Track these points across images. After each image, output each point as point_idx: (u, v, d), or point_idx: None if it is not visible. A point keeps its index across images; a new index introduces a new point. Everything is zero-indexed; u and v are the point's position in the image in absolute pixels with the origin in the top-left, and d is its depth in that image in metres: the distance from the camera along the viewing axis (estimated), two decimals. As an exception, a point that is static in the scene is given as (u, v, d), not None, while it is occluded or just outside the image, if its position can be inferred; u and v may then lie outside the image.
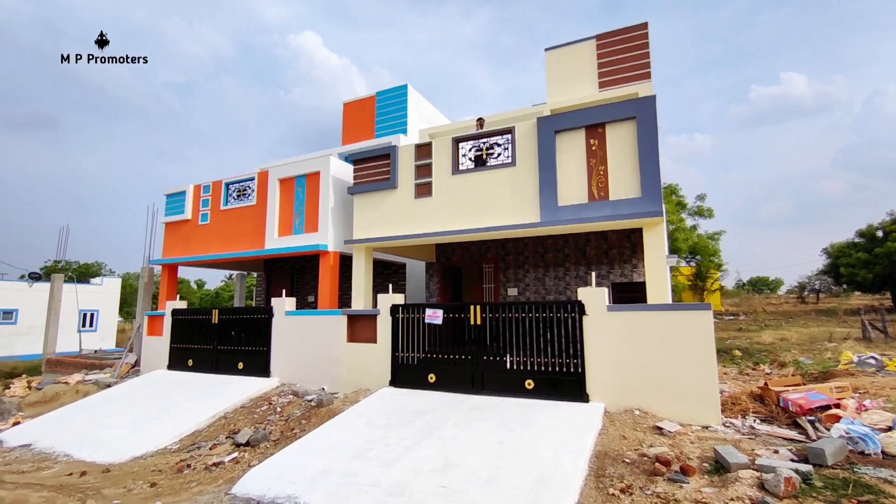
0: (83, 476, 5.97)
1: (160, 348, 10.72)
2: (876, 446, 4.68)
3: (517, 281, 10.64)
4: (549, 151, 7.48)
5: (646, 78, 9.81)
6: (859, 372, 9.70)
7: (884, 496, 3.78)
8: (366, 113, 13.41)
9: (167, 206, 11.86)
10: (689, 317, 6.06)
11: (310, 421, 7.17)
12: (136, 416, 8.03)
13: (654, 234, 6.78)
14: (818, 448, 4.45)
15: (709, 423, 5.80)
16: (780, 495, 3.88)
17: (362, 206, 9.12)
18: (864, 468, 4.31)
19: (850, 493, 3.82)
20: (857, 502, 3.69)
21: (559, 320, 6.75)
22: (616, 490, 4.49)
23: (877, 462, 4.48)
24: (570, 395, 6.55)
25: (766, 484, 4.05)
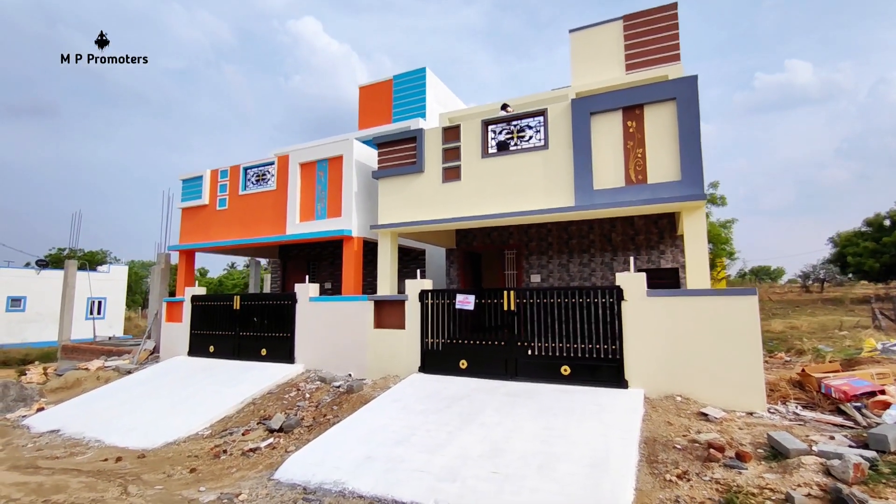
0: (119, 462, 5.92)
1: (180, 335, 10.64)
2: (935, 432, 4.59)
3: (540, 267, 10.52)
4: (583, 134, 7.30)
5: (675, 60, 9.57)
6: (885, 359, 9.62)
7: (957, 482, 3.70)
8: (383, 97, 13.16)
9: (183, 192, 11.69)
10: (734, 302, 5.95)
11: (341, 407, 7.11)
12: (163, 402, 7.97)
13: (695, 219, 6.64)
14: (880, 434, 4.37)
15: (753, 410, 5.73)
16: (848, 482, 3.80)
17: (387, 190, 8.96)
18: (929, 454, 4.23)
19: (923, 479, 3.74)
20: (931, 489, 3.61)
21: (596, 306, 6.64)
22: (673, 476, 4.41)
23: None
24: (608, 381, 6.47)
25: (832, 470, 3.97)
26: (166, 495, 4.83)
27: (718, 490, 4.10)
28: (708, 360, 5.98)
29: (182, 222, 11.71)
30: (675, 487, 4.24)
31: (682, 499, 4.03)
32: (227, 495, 4.74)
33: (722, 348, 5.92)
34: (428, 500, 4.28)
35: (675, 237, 9.38)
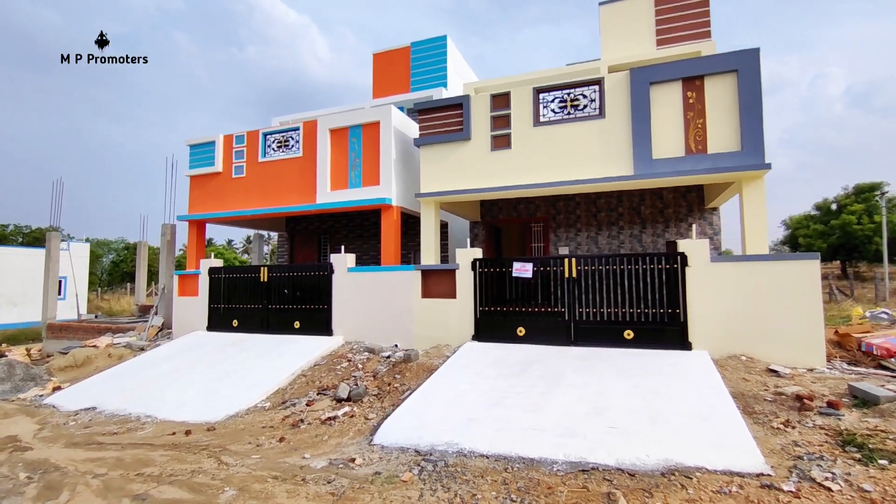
0: (189, 435, 5.60)
1: (195, 309, 10.08)
2: None
3: (568, 240, 10.67)
4: (642, 103, 7.38)
5: (706, 37, 9.78)
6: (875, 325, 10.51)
7: None
8: (399, 65, 12.71)
9: (192, 158, 10.93)
10: (797, 266, 6.29)
11: (404, 375, 7.01)
12: (202, 376, 7.58)
13: (755, 188, 6.92)
14: (958, 380, 4.80)
15: (814, 366, 6.13)
16: (949, 420, 4.16)
17: (430, 157, 8.75)
18: None
19: None
20: None
21: (660, 271, 6.83)
22: (778, 424, 4.68)
23: None
24: (672, 343, 6.71)
25: (931, 411, 4.32)
26: (269, 463, 4.63)
27: (828, 434, 4.39)
28: (770, 321, 6.31)
29: (191, 191, 10.98)
30: (785, 434, 4.50)
31: (799, 443, 4.28)
32: (339, 461, 4.61)
33: (784, 310, 6.27)
34: (556, 454, 4.33)
35: (704, 210, 9.74)
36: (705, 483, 3.67)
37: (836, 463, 3.80)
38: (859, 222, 35.32)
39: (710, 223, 9.68)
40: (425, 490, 3.90)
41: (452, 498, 3.75)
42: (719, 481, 3.68)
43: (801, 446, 4.21)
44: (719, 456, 4.02)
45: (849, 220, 36.18)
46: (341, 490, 3.95)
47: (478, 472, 4.17)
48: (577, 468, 4.10)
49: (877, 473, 3.57)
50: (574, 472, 4.05)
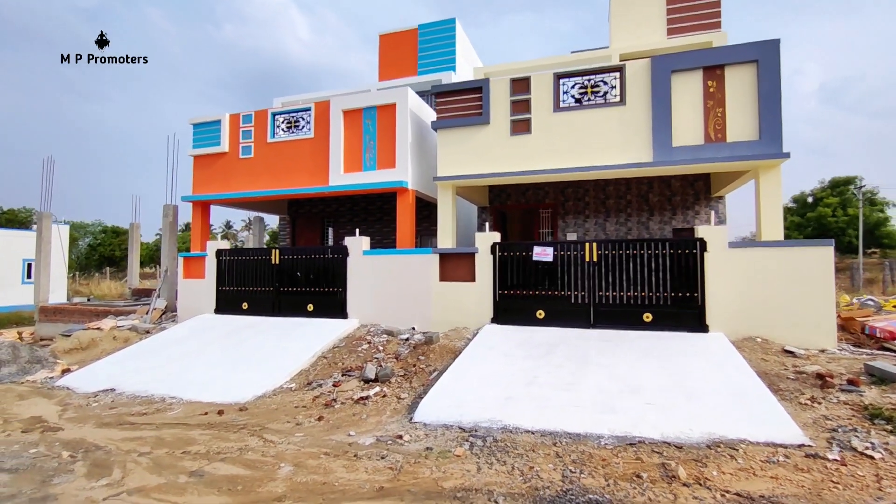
0: (223, 415, 5.56)
1: (202, 291, 9.90)
2: None
3: (577, 226, 10.83)
4: (663, 91, 7.49)
5: (716, 28, 9.94)
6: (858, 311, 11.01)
7: None
8: (407, 47, 12.53)
9: (195, 137, 10.63)
10: (811, 252, 6.55)
11: (428, 357, 7.07)
12: (220, 358, 7.50)
13: (772, 176, 7.14)
14: (968, 358, 5.11)
15: (826, 347, 6.43)
16: (966, 395, 4.45)
17: (448, 141, 8.72)
18: None
19: None
20: None
21: (679, 256, 7.02)
22: (805, 400, 4.92)
23: None
24: (690, 326, 6.94)
25: (948, 387, 4.61)
26: (316, 441, 4.66)
27: (854, 409, 4.64)
28: (785, 304, 6.58)
29: (195, 171, 10.70)
30: (813, 409, 4.74)
31: (829, 417, 4.52)
32: (386, 437, 4.66)
33: (798, 294, 6.53)
34: (600, 429, 4.47)
35: (710, 199, 10.00)
36: (752, 454, 3.86)
37: (870, 434, 4.04)
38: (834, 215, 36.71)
39: (717, 211, 9.94)
40: (481, 463, 3.99)
41: (510, 470, 3.85)
42: (765, 452, 3.87)
43: (831, 420, 4.45)
44: (758, 429, 4.22)
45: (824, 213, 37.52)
46: (398, 464, 4.02)
47: (528, 446, 4.28)
48: (624, 442, 4.25)
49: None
50: (622, 445, 4.20)
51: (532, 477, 3.71)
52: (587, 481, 3.59)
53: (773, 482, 3.42)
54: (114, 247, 43.55)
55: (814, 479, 3.43)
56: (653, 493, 3.36)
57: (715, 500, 3.21)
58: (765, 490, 3.31)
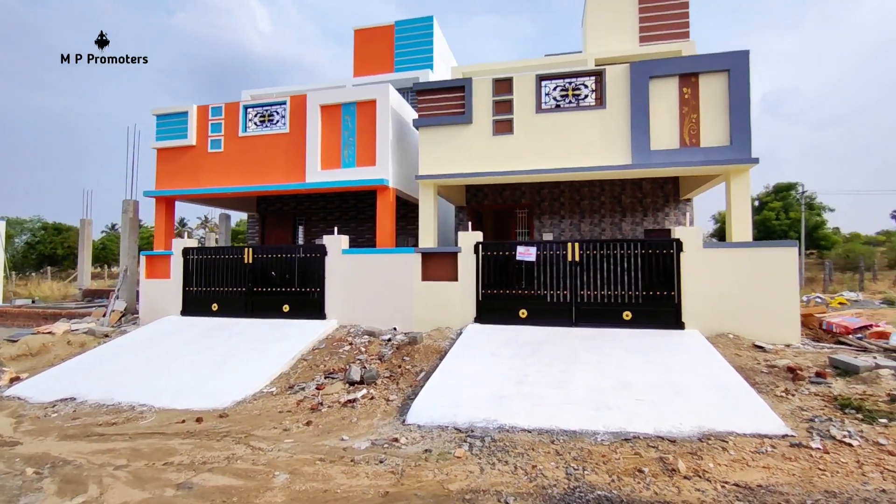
0: (201, 422, 5.27)
1: (167, 292, 9.36)
2: (941, 350, 5.95)
3: (552, 226, 11.01)
4: (642, 96, 7.73)
5: (685, 37, 10.38)
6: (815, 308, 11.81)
7: None
8: (383, 43, 12.34)
9: (159, 129, 10.04)
10: (778, 252, 6.93)
11: (413, 358, 6.98)
12: (192, 362, 7.11)
13: (741, 180, 7.50)
14: (919, 351, 5.55)
15: (790, 342, 6.82)
16: (922, 385, 4.84)
17: (430, 139, 8.65)
18: (954, 364, 5.51)
19: (972, 379, 4.89)
20: (980, 385, 4.75)
21: (657, 256, 7.26)
22: (780, 392, 5.20)
23: (952, 360, 5.72)
24: (667, 323, 7.19)
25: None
26: (307, 447, 4.49)
27: (825, 400, 4.94)
28: (754, 302, 6.93)
29: (158, 165, 10.10)
30: (788, 401, 5.01)
31: (804, 408, 4.79)
32: (381, 441, 4.55)
33: (766, 292, 6.90)
34: (595, 426, 4.54)
35: (679, 201, 10.42)
36: (742, 445, 4.03)
37: (844, 423, 4.31)
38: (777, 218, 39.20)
39: (685, 213, 10.37)
40: (483, 464, 3.96)
41: (514, 470, 3.84)
42: (753, 443, 4.05)
43: (806, 411, 4.72)
44: (744, 421, 4.41)
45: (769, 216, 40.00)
46: (399, 468, 3.92)
47: (527, 445, 4.29)
48: (620, 438, 4.34)
49: (883, 430, 4.09)
50: (618, 441, 4.28)
51: (537, 476, 3.71)
52: (591, 478, 3.63)
53: (765, 472, 3.58)
54: (55, 245, 40.56)
55: (802, 467, 3.61)
56: (657, 487, 3.44)
57: (716, 492, 3.32)
58: (760, 479, 3.46)
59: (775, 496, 3.21)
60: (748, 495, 3.23)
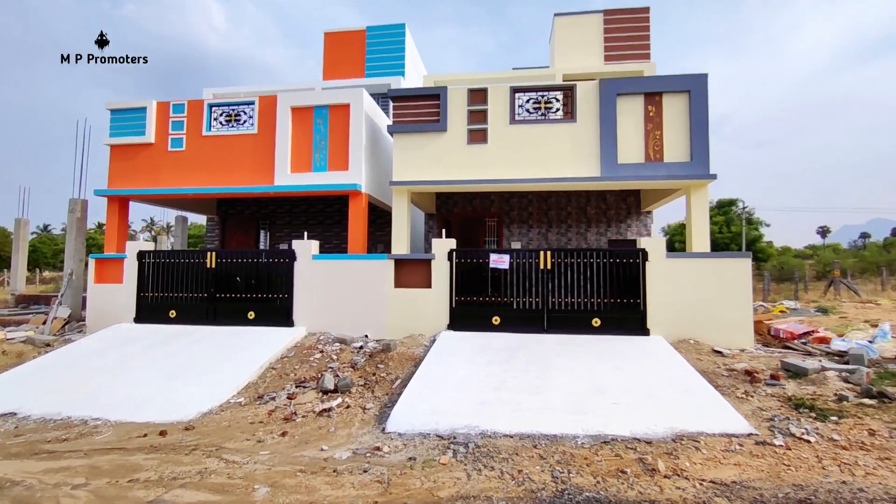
0: (165, 436, 4.96)
1: (119, 298, 8.77)
2: (875, 353, 6.53)
3: (521, 235, 11.24)
4: (610, 112, 8.08)
5: (646, 58, 10.97)
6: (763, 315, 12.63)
7: (918, 380, 5.46)
8: (354, 48, 12.23)
9: (114, 125, 9.45)
10: (733, 263, 7.40)
11: (388, 365, 6.89)
12: (150, 372, 6.68)
13: (701, 195, 7.97)
14: (859, 354, 6.08)
15: (745, 347, 7.28)
16: (862, 384, 5.29)
17: (404, 146, 8.63)
18: (887, 365, 6.06)
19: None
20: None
21: (624, 265, 7.57)
22: (740, 394, 5.53)
23: (886, 362, 6.30)
24: (633, 329, 7.49)
25: (849, 378, 5.45)
26: (285, 458, 4.32)
27: (780, 400, 5.30)
28: (712, 309, 7.35)
29: (112, 162, 9.49)
30: (748, 402, 5.33)
31: (763, 408, 5.11)
32: (362, 450, 4.45)
33: (722, 299, 7.34)
34: (575, 430, 4.65)
35: (640, 213, 10.91)
36: (712, 444, 4.24)
37: (801, 422, 4.63)
38: (721, 231, 41.79)
39: (645, 225, 10.88)
40: (469, 470, 3.96)
41: (500, 475, 3.86)
42: (722, 442, 4.28)
43: (766, 411, 5.04)
44: (712, 422, 4.66)
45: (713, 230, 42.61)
46: (385, 477, 3.85)
47: (510, 450, 4.32)
48: (599, 440, 4.46)
49: (835, 427, 4.43)
50: (598, 443, 4.40)
51: (524, 480, 3.75)
52: (577, 480, 3.71)
53: (737, 469, 3.79)
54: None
55: (769, 463, 3.85)
56: (640, 486, 3.56)
57: (696, 489, 3.48)
58: (733, 476, 3.65)
59: (749, 491, 3.40)
60: (725, 491, 3.41)
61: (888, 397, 4.91)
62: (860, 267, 33.32)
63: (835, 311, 12.50)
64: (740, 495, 3.33)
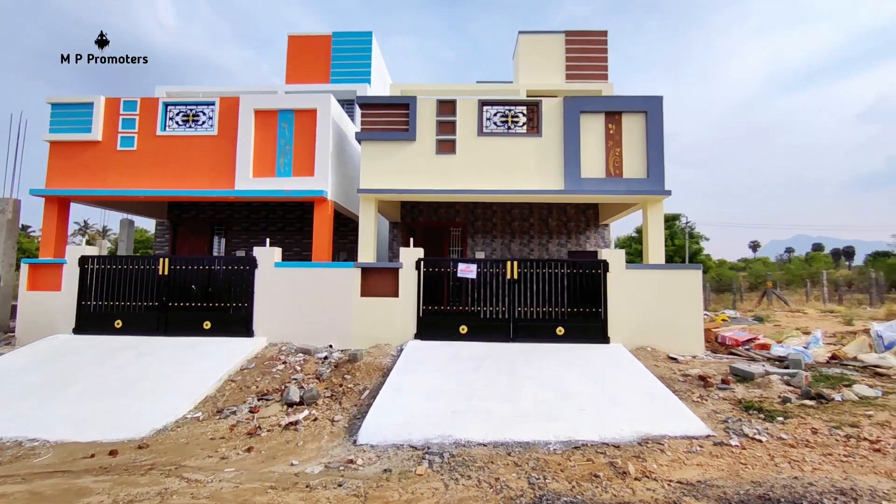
0: (115, 455, 4.60)
1: (57, 307, 8.08)
2: (810, 358, 7.12)
3: (485, 245, 11.40)
4: (574, 128, 8.42)
5: (605, 79, 11.54)
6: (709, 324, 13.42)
7: (848, 379, 5.99)
8: (319, 53, 12.04)
9: (54, 120, 8.77)
10: (686, 274, 7.87)
11: (355, 376, 6.75)
12: (93, 386, 6.19)
13: (656, 210, 8.43)
14: (797, 359, 6.60)
15: (696, 353, 7.72)
16: (802, 387, 5.75)
17: (372, 154, 8.58)
18: (821, 369, 6.62)
19: (837, 380, 5.93)
20: (842, 385, 5.78)
21: (587, 276, 7.85)
22: (696, 398, 5.85)
23: (819, 366, 6.87)
24: (595, 338, 7.76)
25: (790, 381, 5.91)
26: (253, 475, 4.12)
27: (731, 403, 5.65)
28: (667, 318, 7.76)
29: (51, 160, 8.79)
30: (703, 405, 5.66)
31: (717, 411, 5.44)
32: (335, 463, 4.34)
33: (676, 309, 7.77)
34: (546, 436, 4.75)
35: (599, 225, 11.38)
36: (675, 446, 4.46)
37: (752, 423, 4.97)
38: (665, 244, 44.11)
39: (603, 237, 11.35)
40: (446, 480, 3.95)
41: (478, 484, 3.87)
42: (684, 444, 4.51)
43: (719, 413, 5.36)
44: (673, 425, 4.90)
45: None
46: (361, 491, 3.76)
47: (486, 458, 4.35)
48: (570, 446, 4.58)
49: (782, 427, 4.79)
50: (569, 449, 4.52)
51: (502, 488, 3.78)
52: (554, 485, 3.79)
53: (700, 469, 4.00)
54: None
55: (728, 462, 4.10)
56: (614, 489, 3.68)
57: (665, 490, 3.65)
58: (698, 476, 3.86)
59: (713, 489, 3.60)
60: (692, 490, 3.60)
61: (825, 398, 5.37)
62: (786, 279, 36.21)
63: (769, 319, 13.53)
64: (706, 494, 3.52)
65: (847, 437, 4.46)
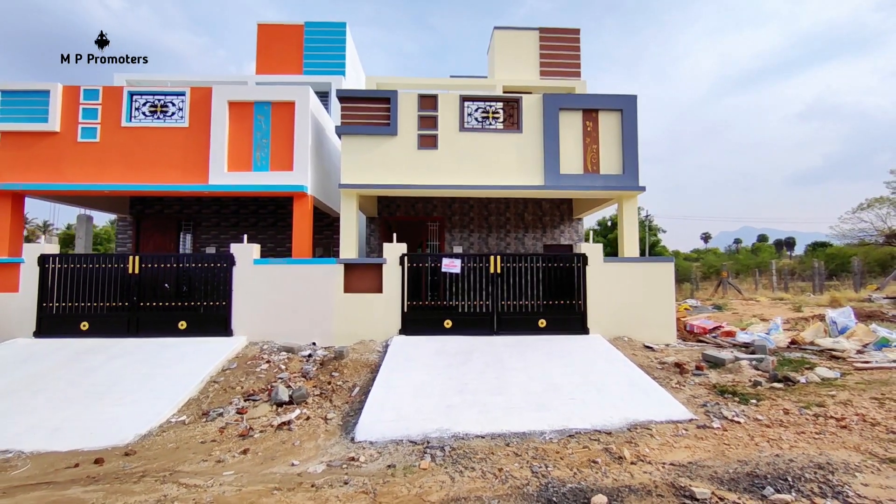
0: (102, 464, 4.40)
1: (14, 310, 7.56)
2: (772, 344, 7.65)
3: (462, 240, 11.50)
4: (553, 125, 8.61)
5: (577, 76, 11.82)
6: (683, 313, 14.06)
7: (809, 362, 6.50)
8: (291, 43, 11.67)
9: (5, 109, 8.12)
10: (660, 267, 8.24)
11: (342, 373, 6.70)
12: (63, 392, 5.87)
13: (631, 205, 8.76)
14: (762, 345, 7.08)
15: (669, 342, 8.13)
16: (770, 371, 6.19)
17: (353, 148, 8.46)
18: (783, 353, 7.13)
19: (799, 363, 6.41)
20: (805, 368, 6.26)
21: (567, 269, 8.09)
22: (674, 384, 6.18)
23: (782, 351, 7.39)
24: (575, 329, 8.03)
25: (759, 366, 6.34)
26: (254, 477, 4.06)
27: (707, 388, 6.01)
28: (642, 308, 8.12)
29: (1, 151, 8.15)
30: (682, 391, 5.99)
31: (696, 396, 5.78)
32: (337, 462, 4.32)
33: (651, 300, 8.14)
34: (541, 426, 4.91)
35: (573, 220, 11.70)
36: (663, 431, 4.72)
37: (729, 406, 5.31)
38: (627, 237, 45.68)
39: (577, 231, 11.68)
40: (451, 472, 4.02)
41: (483, 475, 3.97)
42: (670, 428, 4.78)
43: (697, 398, 5.70)
44: (658, 411, 5.17)
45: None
46: (369, 487, 3.78)
47: (486, 450, 4.45)
48: (564, 434, 4.76)
49: (757, 408, 5.14)
50: (564, 437, 4.69)
51: (507, 478, 3.90)
52: (556, 473, 3.93)
53: (688, 451, 4.26)
54: None
55: (713, 444, 4.38)
56: (613, 474, 3.87)
57: (660, 472, 3.86)
58: (688, 458, 4.11)
59: (704, 469, 3.85)
60: (685, 471, 3.83)
61: (791, 381, 5.80)
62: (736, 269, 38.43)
63: (727, 307, 14.36)
64: (699, 474, 3.76)
65: (815, 416, 4.86)
